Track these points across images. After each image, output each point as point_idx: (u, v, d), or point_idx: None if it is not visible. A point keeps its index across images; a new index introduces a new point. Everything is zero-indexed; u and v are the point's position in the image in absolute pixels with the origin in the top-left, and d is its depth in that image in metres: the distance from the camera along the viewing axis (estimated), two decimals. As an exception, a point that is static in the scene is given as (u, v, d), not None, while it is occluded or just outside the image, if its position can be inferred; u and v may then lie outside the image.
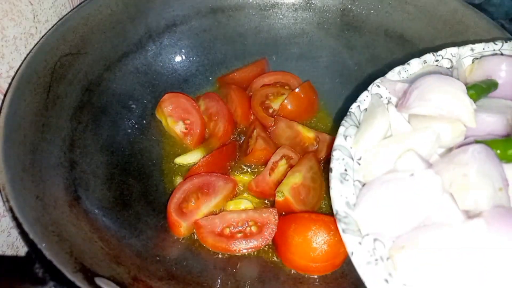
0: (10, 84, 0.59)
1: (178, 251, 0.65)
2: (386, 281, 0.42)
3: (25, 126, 0.57)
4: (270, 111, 0.82)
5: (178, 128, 0.79)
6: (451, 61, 0.61)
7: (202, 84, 0.86)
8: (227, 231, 0.66)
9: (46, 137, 0.60)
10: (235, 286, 0.61)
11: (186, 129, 0.79)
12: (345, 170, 0.49)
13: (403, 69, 0.59)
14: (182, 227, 0.66)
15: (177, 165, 0.77)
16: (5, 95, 0.58)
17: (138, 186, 0.71)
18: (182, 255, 0.65)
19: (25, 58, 0.62)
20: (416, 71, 0.59)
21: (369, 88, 0.56)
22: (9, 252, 0.68)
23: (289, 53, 0.88)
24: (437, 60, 0.60)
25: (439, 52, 0.61)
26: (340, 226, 0.45)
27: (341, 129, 0.52)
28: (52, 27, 0.67)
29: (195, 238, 0.67)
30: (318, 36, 0.86)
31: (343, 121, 0.53)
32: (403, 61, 0.78)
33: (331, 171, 0.49)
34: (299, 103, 0.81)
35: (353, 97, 0.56)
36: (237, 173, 0.76)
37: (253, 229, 0.66)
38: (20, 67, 0.60)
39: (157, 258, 0.62)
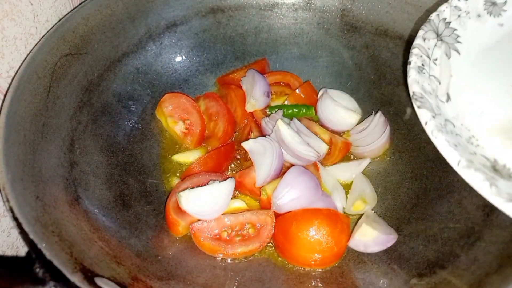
0: (10, 84, 0.59)
1: (178, 251, 0.65)
2: (456, 146, 0.45)
3: (25, 126, 0.57)
4: (270, 111, 0.82)
5: (178, 128, 0.79)
6: None
7: (202, 84, 0.86)
8: (224, 234, 0.66)
9: (46, 137, 0.60)
10: (235, 286, 0.61)
11: (186, 129, 0.79)
12: (422, 65, 0.52)
13: None
14: (180, 226, 0.66)
15: (176, 165, 0.77)
16: (5, 95, 0.58)
17: (138, 186, 0.71)
18: (182, 255, 0.65)
19: (25, 58, 0.62)
20: None
21: (449, 1, 0.58)
22: (9, 252, 0.68)
23: (289, 53, 0.88)
24: None
25: None
26: (416, 103, 0.48)
27: (421, 32, 0.55)
28: (52, 27, 0.67)
29: (195, 238, 0.68)
30: (318, 36, 0.86)
31: (422, 26, 0.55)
32: (403, 61, 0.78)
33: (410, 64, 0.51)
34: (299, 103, 0.81)
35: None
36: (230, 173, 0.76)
37: (251, 231, 0.66)
38: (20, 67, 0.60)
39: (157, 258, 0.62)
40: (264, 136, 0.73)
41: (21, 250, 0.70)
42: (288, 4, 0.85)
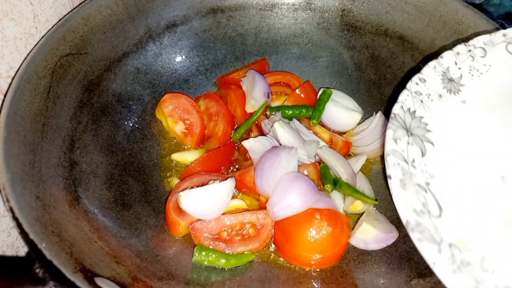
0: (10, 84, 0.59)
1: (178, 251, 0.65)
2: None
3: (25, 126, 0.57)
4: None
5: (178, 128, 0.79)
6: (484, 50, 0.60)
7: (202, 84, 0.86)
8: (224, 234, 0.66)
9: (46, 137, 0.60)
10: (235, 286, 0.61)
11: (186, 129, 0.79)
12: (403, 175, 0.48)
13: (438, 64, 0.58)
14: (180, 226, 0.66)
15: (176, 165, 0.77)
16: (5, 95, 0.58)
17: (138, 186, 0.71)
18: (182, 255, 0.65)
19: (25, 58, 0.62)
20: (450, 65, 0.59)
21: (408, 87, 0.55)
22: (9, 252, 0.68)
23: (289, 53, 0.88)
24: (469, 50, 0.59)
25: (471, 42, 0.60)
26: (415, 236, 0.43)
27: (390, 133, 0.50)
28: (52, 27, 0.67)
29: (195, 238, 0.68)
30: (318, 36, 0.86)
31: (389, 124, 0.51)
32: (403, 61, 0.78)
33: (390, 178, 0.47)
34: (299, 104, 0.81)
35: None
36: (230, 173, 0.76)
37: (251, 231, 0.66)
38: (20, 67, 0.60)
39: (157, 258, 0.62)
40: (264, 135, 0.73)
41: (21, 250, 0.70)
42: (288, 4, 0.85)
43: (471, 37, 0.62)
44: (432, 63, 0.57)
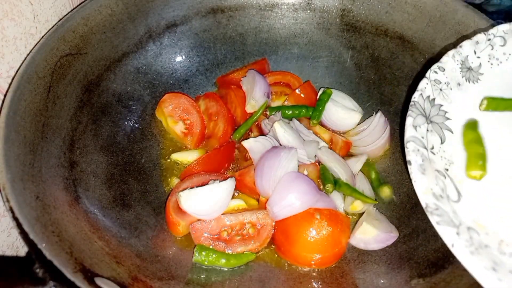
0: (10, 84, 0.59)
1: (178, 251, 0.65)
2: (494, 269, 0.42)
3: (25, 126, 0.57)
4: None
5: (178, 128, 0.79)
6: (504, 39, 0.60)
7: (202, 84, 0.87)
8: (224, 234, 0.66)
9: (46, 137, 0.60)
10: (235, 286, 0.61)
11: (186, 129, 0.79)
12: (423, 160, 0.49)
13: (456, 53, 0.58)
14: (180, 226, 0.66)
15: (176, 165, 0.77)
16: (5, 95, 0.58)
17: (138, 186, 0.71)
18: (182, 255, 0.65)
19: (25, 58, 0.62)
20: (469, 54, 0.59)
21: (427, 75, 0.56)
22: (9, 252, 0.68)
23: (289, 53, 0.88)
24: (489, 39, 0.60)
25: (490, 31, 0.60)
26: (434, 219, 0.44)
27: (410, 120, 0.51)
28: (52, 27, 0.67)
29: (195, 238, 0.68)
30: (318, 36, 0.86)
31: (409, 112, 0.52)
32: (403, 61, 0.78)
33: (410, 164, 0.48)
34: (299, 104, 0.81)
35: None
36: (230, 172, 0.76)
37: (251, 231, 0.66)
38: (20, 67, 0.60)
39: (157, 258, 0.62)
40: (264, 135, 0.73)
41: (21, 250, 0.70)
42: (288, 4, 0.85)
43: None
44: (451, 52, 0.58)
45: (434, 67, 0.57)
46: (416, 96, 0.54)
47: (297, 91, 0.82)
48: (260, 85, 0.78)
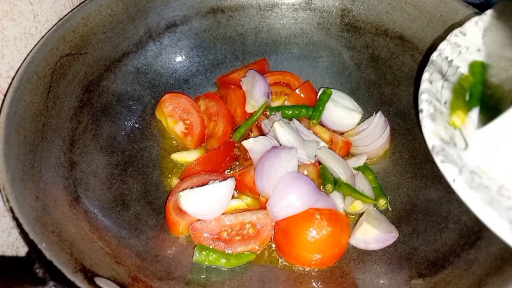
0: (10, 84, 0.59)
1: (178, 251, 0.65)
2: (491, 204, 0.43)
3: (25, 126, 0.57)
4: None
5: (178, 128, 0.79)
6: None
7: (202, 84, 0.86)
8: (224, 234, 0.66)
9: (46, 137, 0.60)
10: (235, 286, 0.61)
11: (186, 129, 0.79)
12: (434, 110, 0.50)
13: (480, 19, 0.58)
14: (180, 226, 0.66)
15: (176, 165, 0.77)
16: (5, 95, 0.58)
17: (138, 186, 0.71)
18: (182, 255, 0.65)
19: (25, 58, 0.62)
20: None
21: (448, 38, 0.57)
22: (9, 252, 0.68)
23: (289, 53, 0.88)
24: None
25: None
26: (438, 158, 0.45)
27: (426, 75, 0.53)
28: (52, 27, 0.67)
29: (195, 238, 0.68)
30: (318, 36, 0.86)
31: (426, 68, 0.53)
32: (403, 61, 0.78)
33: (421, 112, 0.49)
34: (299, 104, 0.81)
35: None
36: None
37: (251, 231, 0.66)
38: (20, 67, 0.60)
39: (157, 258, 0.62)
40: (264, 135, 0.73)
41: (21, 250, 0.70)
42: (288, 4, 0.85)
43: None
44: (474, 19, 0.58)
45: (456, 31, 0.57)
46: (434, 55, 0.55)
47: (297, 91, 0.82)
48: (260, 85, 0.78)
